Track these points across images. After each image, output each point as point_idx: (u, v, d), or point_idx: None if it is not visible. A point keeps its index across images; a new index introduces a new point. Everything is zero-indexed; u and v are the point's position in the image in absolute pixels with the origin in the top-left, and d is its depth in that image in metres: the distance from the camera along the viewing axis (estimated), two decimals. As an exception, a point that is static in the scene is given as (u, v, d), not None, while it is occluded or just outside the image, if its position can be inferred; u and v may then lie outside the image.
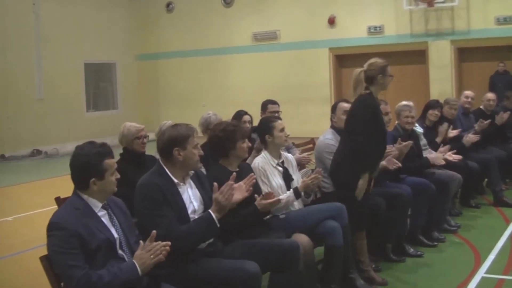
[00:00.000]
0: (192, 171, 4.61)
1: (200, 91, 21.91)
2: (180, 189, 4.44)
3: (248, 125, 7.55)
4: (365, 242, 6.11)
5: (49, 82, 19.54)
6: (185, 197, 4.44)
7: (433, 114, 8.39)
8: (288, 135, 5.84)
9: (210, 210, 4.33)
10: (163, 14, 22.78)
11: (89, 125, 20.37)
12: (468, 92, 9.95)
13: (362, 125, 5.79)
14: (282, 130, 5.77)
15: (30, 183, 13.83)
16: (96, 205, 3.84)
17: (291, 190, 5.55)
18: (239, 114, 7.68)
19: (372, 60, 6.04)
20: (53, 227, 3.66)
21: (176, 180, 4.44)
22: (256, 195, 4.89)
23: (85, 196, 3.83)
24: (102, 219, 3.83)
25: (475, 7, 17.59)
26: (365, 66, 5.99)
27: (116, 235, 3.82)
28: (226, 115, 7.64)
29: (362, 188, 5.78)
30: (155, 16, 22.96)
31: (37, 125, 19.16)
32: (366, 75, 5.94)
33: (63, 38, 19.93)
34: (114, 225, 3.86)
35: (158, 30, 22.93)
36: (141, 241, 3.78)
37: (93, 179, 3.79)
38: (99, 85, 22.29)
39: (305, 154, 7.36)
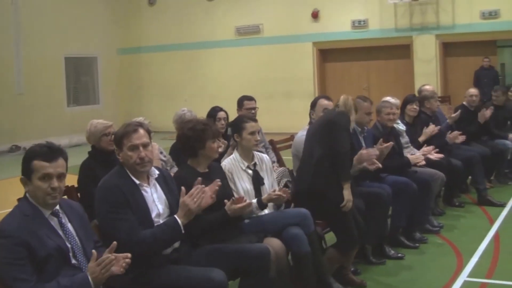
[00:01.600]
0: (157, 172, 4.37)
1: (183, 85, 21.69)
2: (143, 191, 4.20)
3: (223, 122, 7.30)
4: (354, 253, 5.93)
5: (29, 76, 19.24)
6: (148, 200, 4.21)
7: (411, 109, 8.21)
8: (258, 139, 5.48)
9: (175, 216, 4.09)
10: (146, 7, 22.51)
11: (70, 120, 20.05)
12: (472, 90, 9.81)
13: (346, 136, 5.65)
14: (252, 133, 5.43)
15: (7, 180, 13.54)
16: (45, 211, 3.57)
17: (255, 200, 5.24)
18: (214, 111, 7.40)
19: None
20: None
21: (138, 182, 4.20)
22: (226, 200, 4.63)
23: (32, 201, 3.57)
24: (53, 226, 3.56)
25: (460, 1, 17.42)
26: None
27: (68, 244, 3.56)
28: (208, 110, 7.47)
29: (350, 198, 5.56)
30: (137, 9, 22.68)
31: (17, 120, 18.85)
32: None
33: (43, 31, 19.59)
34: (66, 233, 3.59)
35: (140, 24, 22.67)
36: (94, 251, 3.47)
37: (22, 176, 3.57)
38: (80, 79, 21.97)
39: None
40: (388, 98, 7.60)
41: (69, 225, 3.65)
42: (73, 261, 3.56)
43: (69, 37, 20.53)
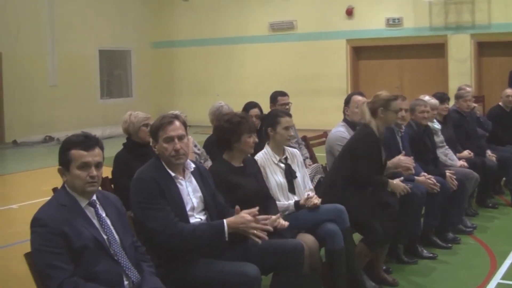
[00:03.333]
0: (193, 166, 4.38)
1: (214, 80, 21.70)
2: (178, 184, 4.22)
3: (255, 118, 7.26)
4: (386, 251, 5.90)
5: (63, 68, 19.42)
6: (183, 193, 4.21)
7: (442, 109, 8.12)
8: (292, 135, 5.48)
9: (225, 220, 4.08)
10: (179, 1, 22.49)
11: (103, 113, 20.21)
12: (509, 91, 9.72)
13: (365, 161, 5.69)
14: (286, 128, 5.43)
15: (40, 170, 13.72)
16: (82, 201, 3.59)
17: (293, 201, 5.28)
18: (249, 106, 7.34)
19: (378, 92, 5.88)
20: (36, 224, 3.42)
21: (173, 174, 4.21)
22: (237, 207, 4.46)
23: (70, 191, 3.58)
24: (90, 216, 3.58)
25: (496, 0, 17.21)
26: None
27: (104, 235, 3.57)
28: (240, 106, 7.33)
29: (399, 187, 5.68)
30: (171, 3, 22.70)
31: (50, 111, 19.05)
32: (369, 107, 5.77)
33: (77, 24, 19.78)
34: (102, 224, 3.60)
35: (173, 18, 22.71)
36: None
37: (60, 167, 3.58)
38: (113, 72, 22.11)
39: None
40: (427, 98, 7.53)
41: (105, 217, 3.66)
42: (111, 251, 3.57)
43: (102, 31, 20.69)
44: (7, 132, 18.26)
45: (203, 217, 4.30)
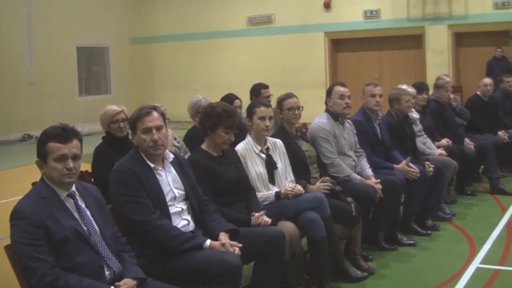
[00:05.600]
0: (172, 156, 4.39)
1: (194, 75, 21.67)
2: (157, 175, 4.22)
3: (238, 110, 7.27)
4: (360, 233, 5.93)
5: (41, 66, 19.27)
6: (163, 183, 4.22)
7: (421, 99, 8.19)
8: (268, 125, 5.44)
9: (208, 240, 4.15)
10: (157, -3, 22.48)
11: (82, 110, 20.05)
12: (487, 80, 9.79)
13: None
14: (262, 118, 5.41)
15: (19, 168, 13.63)
16: (61, 193, 3.59)
17: (274, 192, 5.30)
18: (230, 98, 7.30)
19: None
20: (15, 216, 3.42)
21: (152, 165, 4.22)
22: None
23: (49, 183, 3.58)
24: (69, 208, 3.59)
25: (473, -9, 17.33)
26: None
27: (84, 226, 3.58)
28: (219, 100, 7.36)
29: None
30: (149, -1, 22.65)
31: (29, 109, 18.88)
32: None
33: (54, 21, 19.59)
34: (82, 215, 3.61)
35: (152, 14, 22.65)
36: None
37: (37, 159, 3.59)
38: (92, 69, 21.96)
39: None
40: (404, 86, 7.58)
41: (85, 208, 3.67)
42: (92, 242, 3.57)
43: (81, 27, 20.50)
44: (-15, 130, 18.10)
45: (184, 207, 4.31)
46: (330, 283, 5.35)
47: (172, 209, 4.20)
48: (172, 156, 4.39)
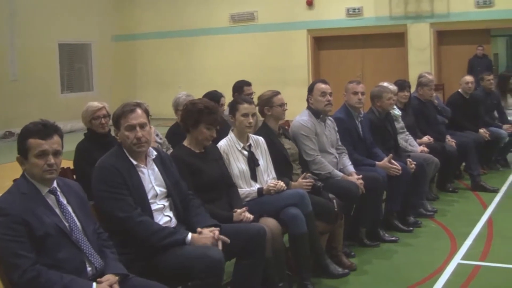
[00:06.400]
0: (155, 153, 4.38)
1: (177, 72, 21.61)
2: (140, 172, 4.22)
3: (225, 107, 7.24)
4: (341, 229, 5.95)
5: (23, 63, 19.14)
6: (145, 181, 4.22)
7: (403, 96, 8.23)
8: (251, 122, 5.45)
9: (190, 234, 4.15)
10: (140, -6, 22.40)
11: (64, 107, 19.88)
12: (468, 77, 9.85)
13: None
14: (245, 115, 5.41)
15: (0, 166, 13.54)
16: (42, 189, 3.58)
17: (256, 188, 5.31)
18: (215, 95, 7.15)
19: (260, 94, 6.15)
20: None
21: (135, 162, 4.21)
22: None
23: (30, 179, 3.57)
24: (51, 204, 3.57)
25: (455, -11, 17.42)
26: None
27: (65, 222, 3.57)
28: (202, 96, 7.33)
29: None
30: (132, -4, 22.56)
31: (10, 106, 18.72)
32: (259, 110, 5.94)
33: (37, 18, 19.45)
34: (63, 211, 3.60)
35: (135, 11, 22.54)
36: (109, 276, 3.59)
37: (18, 155, 3.57)
38: (74, 66, 21.85)
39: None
40: (386, 84, 7.61)
41: (66, 204, 3.66)
42: (74, 238, 3.57)
43: (63, 24, 20.36)
44: (-34, 127, 17.97)
45: (166, 203, 4.31)
46: (311, 279, 5.36)
47: (153, 206, 4.20)
48: (155, 153, 4.38)
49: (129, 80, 22.73)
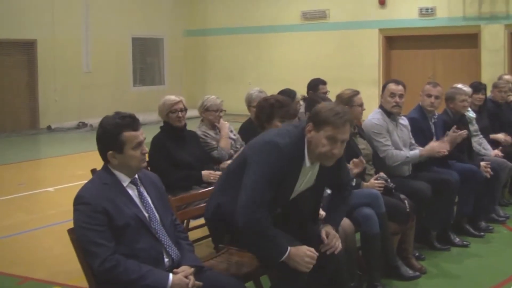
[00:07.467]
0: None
1: (247, 68, 21.73)
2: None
3: (301, 103, 7.28)
4: (413, 231, 5.92)
5: (97, 56, 19.60)
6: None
7: (477, 98, 8.10)
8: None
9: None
10: (212, -10, 22.60)
11: (135, 100, 20.31)
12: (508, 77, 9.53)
13: None
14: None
15: (74, 155, 13.91)
16: (125, 180, 3.67)
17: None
18: (291, 93, 7.12)
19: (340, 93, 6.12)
20: (79, 201, 3.52)
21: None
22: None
23: (114, 170, 3.67)
24: (131, 195, 3.66)
25: (531, -10, 17.04)
26: None
27: (145, 213, 3.65)
28: (271, 93, 7.33)
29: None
30: (204, -9, 22.78)
31: (84, 98, 19.25)
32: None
33: (111, 11, 19.93)
34: (144, 202, 3.69)
35: (205, 6, 22.75)
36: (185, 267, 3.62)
37: (110, 151, 3.62)
38: (146, 60, 22.25)
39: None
40: (460, 86, 7.51)
41: (146, 195, 3.73)
42: (152, 230, 3.65)
43: (136, 19, 20.81)
44: (41, 117, 18.47)
45: None
46: (381, 280, 5.36)
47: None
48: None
49: (199, 74, 22.96)
